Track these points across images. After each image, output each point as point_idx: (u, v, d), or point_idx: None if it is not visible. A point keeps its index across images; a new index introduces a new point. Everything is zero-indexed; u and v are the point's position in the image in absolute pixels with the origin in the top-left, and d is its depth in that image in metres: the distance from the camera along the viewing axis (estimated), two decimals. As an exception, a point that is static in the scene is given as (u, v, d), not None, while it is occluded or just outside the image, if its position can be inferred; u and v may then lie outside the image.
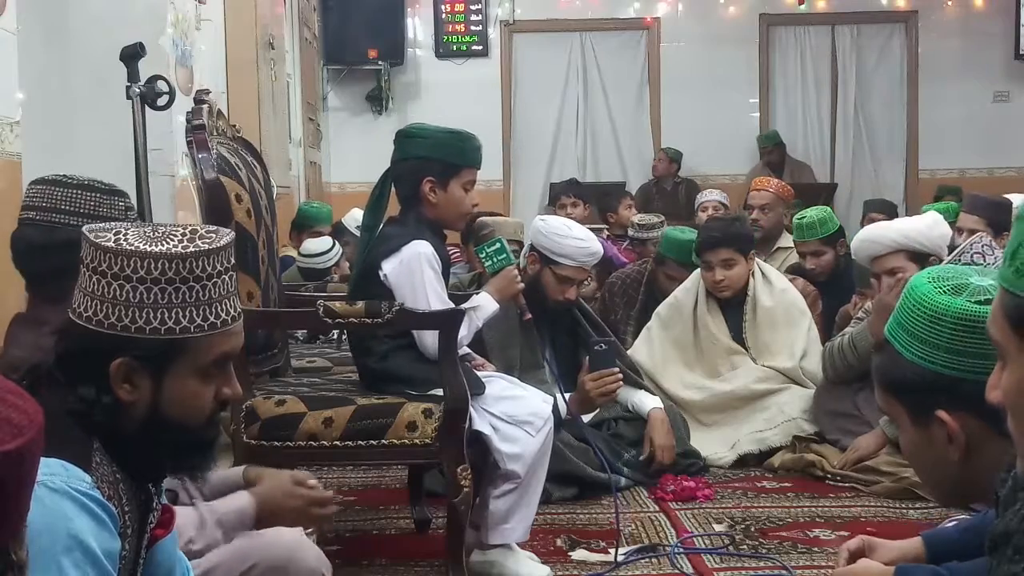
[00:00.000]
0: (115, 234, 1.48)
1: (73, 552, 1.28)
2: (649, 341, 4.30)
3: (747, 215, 5.36)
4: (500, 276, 2.93)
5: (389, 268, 2.75)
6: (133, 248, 1.46)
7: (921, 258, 3.62)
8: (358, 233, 5.49)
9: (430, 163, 2.81)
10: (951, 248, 3.68)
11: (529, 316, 3.02)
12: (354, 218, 5.73)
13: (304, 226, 5.89)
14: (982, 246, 3.02)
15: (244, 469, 2.10)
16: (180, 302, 1.47)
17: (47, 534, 1.25)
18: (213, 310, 1.50)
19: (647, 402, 3.77)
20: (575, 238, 3.59)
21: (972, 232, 4.29)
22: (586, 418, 3.59)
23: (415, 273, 2.73)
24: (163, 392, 1.49)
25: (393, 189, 2.90)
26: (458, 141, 2.86)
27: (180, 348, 1.48)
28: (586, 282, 4.46)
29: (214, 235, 1.52)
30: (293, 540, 1.95)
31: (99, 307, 1.46)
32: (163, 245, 1.47)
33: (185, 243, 1.48)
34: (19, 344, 2.09)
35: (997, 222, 4.25)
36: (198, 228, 1.53)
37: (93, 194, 2.12)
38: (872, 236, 3.76)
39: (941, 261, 3.63)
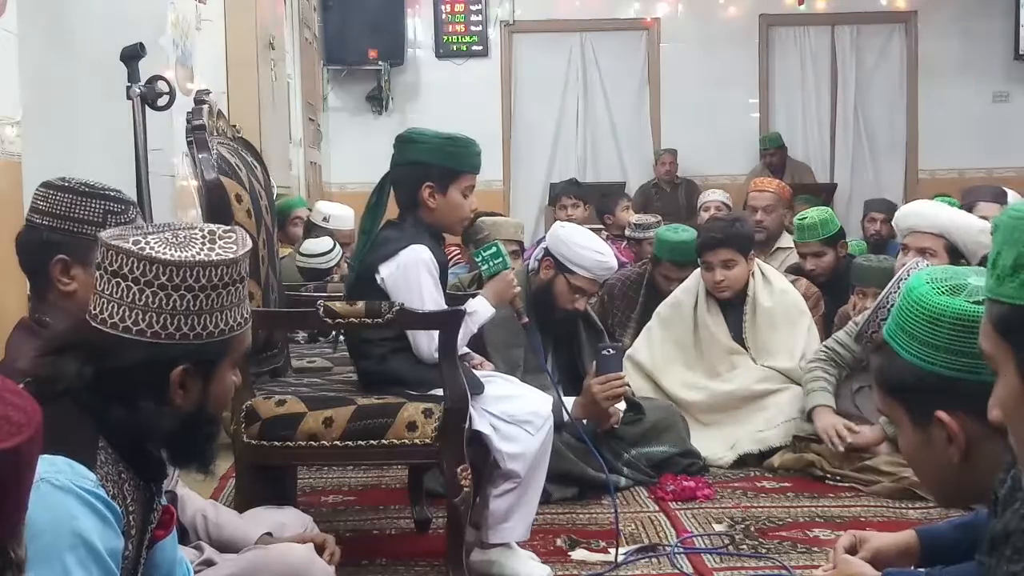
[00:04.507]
0: (162, 246, 1.51)
1: (77, 549, 1.29)
2: (649, 341, 4.30)
3: (749, 216, 5.36)
4: (496, 280, 2.92)
5: (386, 272, 2.75)
6: (195, 259, 1.50)
7: (955, 254, 3.63)
8: (324, 226, 5.55)
9: (429, 168, 2.80)
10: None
11: (526, 320, 3.01)
12: (319, 212, 5.74)
13: (284, 218, 5.88)
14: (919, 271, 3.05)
15: (260, 537, 2.16)
16: (229, 303, 1.54)
17: (52, 531, 1.26)
18: (246, 305, 1.59)
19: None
20: (595, 251, 3.58)
21: None
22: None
23: (412, 278, 2.72)
24: (210, 390, 1.56)
25: (392, 193, 2.90)
26: (458, 146, 2.85)
27: (228, 346, 1.56)
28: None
29: (233, 233, 1.58)
30: (303, 556, 1.96)
31: (155, 319, 1.49)
32: (223, 252, 1.52)
33: (235, 247, 1.55)
34: (21, 353, 2.09)
35: None
36: (215, 228, 1.58)
37: (68, 195, 2.11)
38: (922, 210, 3.79)
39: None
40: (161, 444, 1.55)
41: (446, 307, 2.73)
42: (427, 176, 2.80)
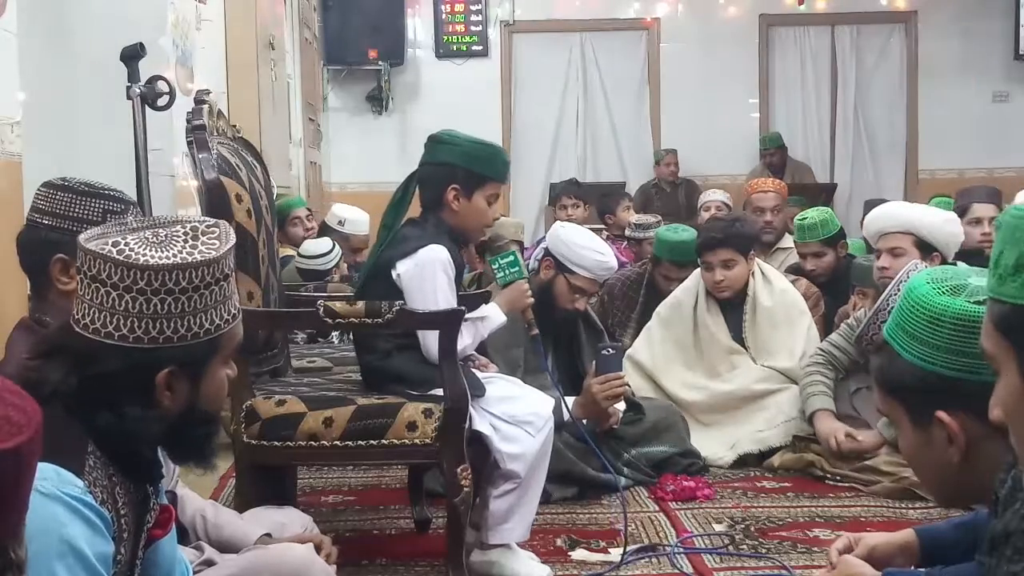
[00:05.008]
0: (142, 247, 1.48)
1: (66, 557, 1.29)
2: (650, 341, 4.30)
3: (757, 218, 5.35)
4: (511, 289, 2.93)
5: (403, 269, 2.75)
6: (175, 261, 1.47)
7: (926, 249, 3.66)
8: (340, 229, 5.53)
9: (457, 171, 2.81)
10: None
11: (536, 332, 3.01)
12: (335, 215, 5.72)
13: (284, 218, 5.85)
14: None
15: (259, 537, 2.15)
16: (214, 302, 1.51)
17: (40, 539, 1.25)
18: (234, 301, 1.56)
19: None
20: (595, 250, 3.59)
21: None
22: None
23: (428, 277, 2.72)
24: (200, 390, 1.54)
25: (417, 191, 2.89)
26: (488, 153, 2.86)
27: (216, 345, 1.53)
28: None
29: (217, 228, 1.55)
30: (302, 556, 1.96)
31: (136, 324, 1.46)
32: (205, 250, 1.49)
33: (218, 243, 1.51)
34: (21, 353, 2.09)
35: None
36: (199, 224, 1.54)
37: (68, 195, 2.12)
38: (887, 212, 3.85)
39: (944, 261, 3.65)
40: (153, 446, 1.54)
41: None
42: (454, 178, 2.81)
